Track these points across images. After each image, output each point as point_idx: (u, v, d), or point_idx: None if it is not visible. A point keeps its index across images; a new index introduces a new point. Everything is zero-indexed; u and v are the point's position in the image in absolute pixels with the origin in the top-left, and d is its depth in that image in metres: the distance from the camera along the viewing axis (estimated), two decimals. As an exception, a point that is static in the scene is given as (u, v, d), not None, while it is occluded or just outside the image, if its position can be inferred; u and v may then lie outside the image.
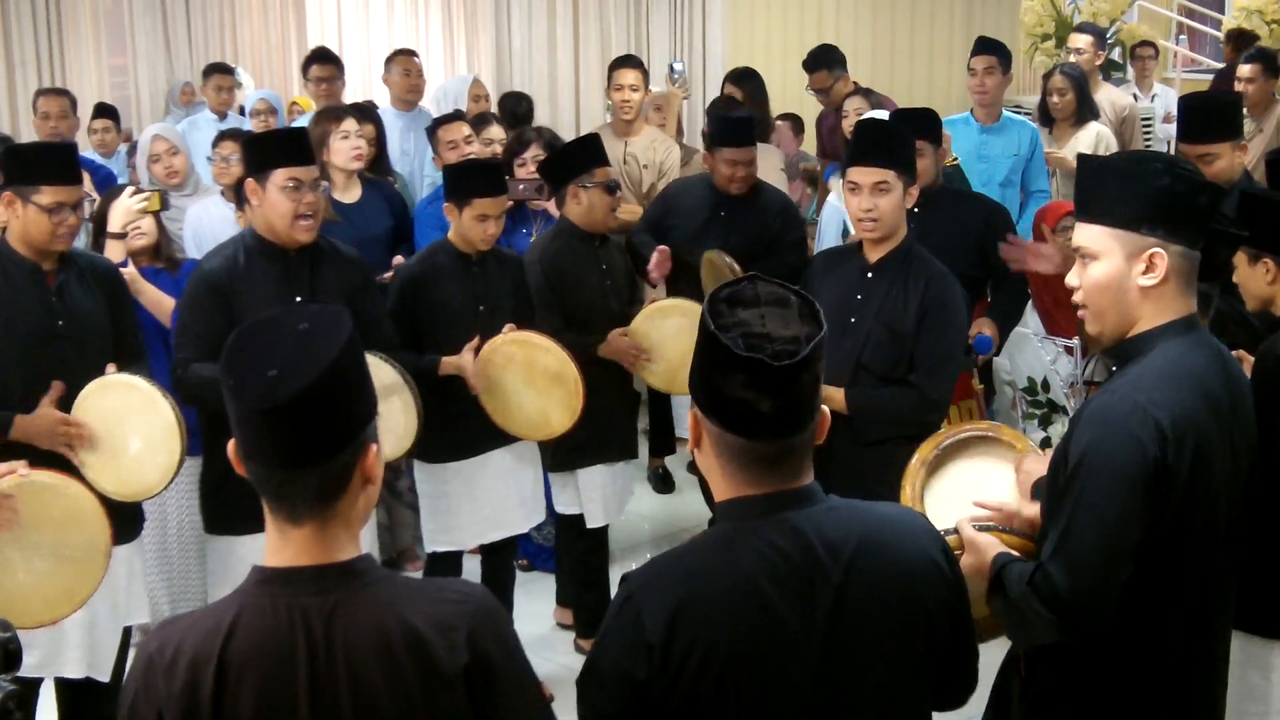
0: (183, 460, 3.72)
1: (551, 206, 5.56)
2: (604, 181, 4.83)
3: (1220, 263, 2.61)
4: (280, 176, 4.00)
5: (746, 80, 7.41)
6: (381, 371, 4.04)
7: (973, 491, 2.86)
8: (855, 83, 7.69)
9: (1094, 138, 6.99)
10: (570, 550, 5.16)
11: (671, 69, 8.00)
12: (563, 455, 4.91)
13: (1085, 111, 7.09)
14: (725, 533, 2.08)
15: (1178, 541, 2.48)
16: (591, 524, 5.00)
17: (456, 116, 6.14)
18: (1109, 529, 2.41)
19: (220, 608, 1.98)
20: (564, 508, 5.04)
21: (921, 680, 2.15)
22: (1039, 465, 2.82)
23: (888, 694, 2.10)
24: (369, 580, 1.97)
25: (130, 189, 4.76)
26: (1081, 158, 2.67)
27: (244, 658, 1.90)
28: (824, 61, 7.79)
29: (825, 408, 2.09)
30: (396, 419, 4.06)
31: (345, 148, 5.44)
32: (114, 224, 4.60)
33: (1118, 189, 2.50)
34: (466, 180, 4.54)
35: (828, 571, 2.03)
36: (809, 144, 8.65)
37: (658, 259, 5.26)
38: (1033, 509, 2.72)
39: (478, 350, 4.46)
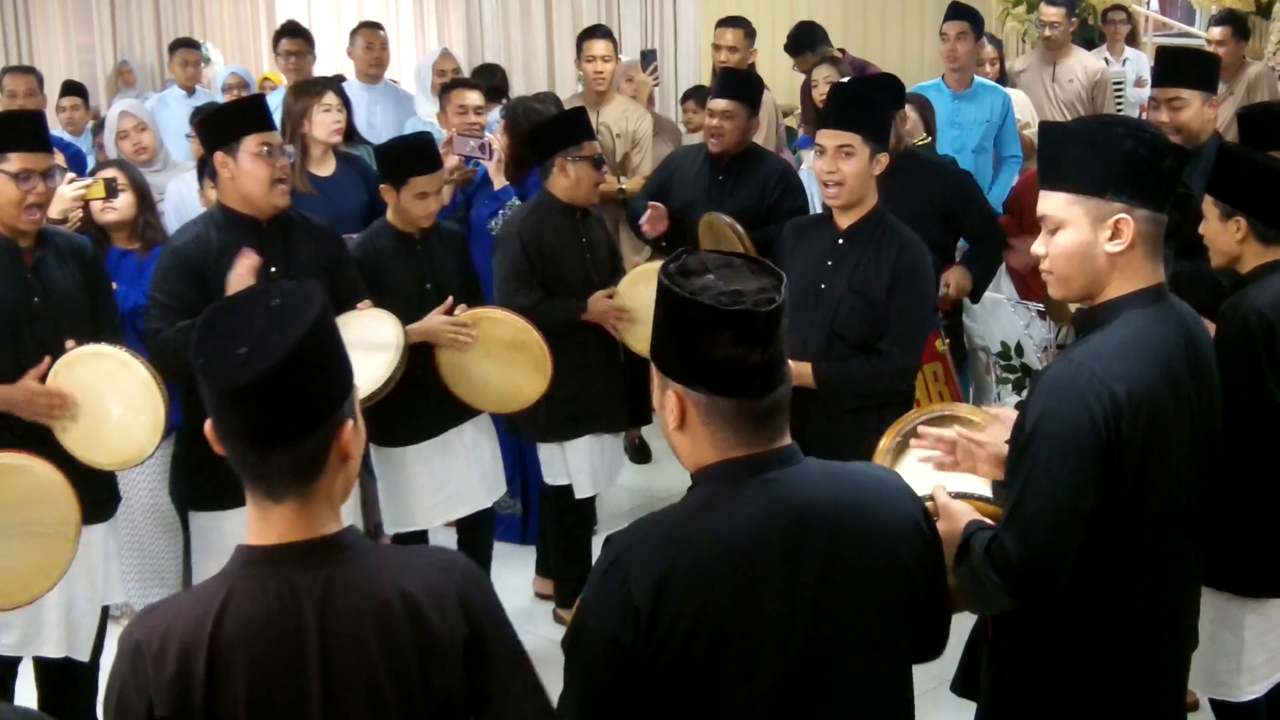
0: (169, 413, 3.68)
1: (493, 168, 5.54)
2: (591, 155, 4.78)
3: (1172, 224, 2.61)
4: (251, 143, 3.98)
5: (738, 24, 7.17)
6: (384, 329, 4.05)
7: (936, 473, 2.86)
8: (842, 50, 7.66)
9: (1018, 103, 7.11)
10: (557, 523, 5.15)
11: (644, 55, 7.94)
12: (553, 427, 4.89)
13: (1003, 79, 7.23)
14: (710, 496, 2.07)
15: (1134, 513, 2.48)
16: (580, 494, 4.97)
17: (472, 84, 6.12)
18: (1059, 498, 2.41)
19: (207, 591, 1.94)
20: (553, 479, 5.02)
21: (904, 640, 2.16)
22: (1003, 432, 2.82)
23: (873, 654, 2.11)
24: (357, 552, 1.95)
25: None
26: (1044, 125, 2.66)
27: (236, 641, 1.88)
28: (805, 44, 7.74)
29: (791, 363, 2.10)
30: (368, 371, 3.99)
31: (328, 120, 5.44)
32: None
33: (1081, 155, 2.48)
34: (402, 160, 4.50)
35: (813, 533, 2.04)
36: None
37: (651, 214, 5.28)
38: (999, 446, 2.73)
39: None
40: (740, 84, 5.49)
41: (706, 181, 5.48)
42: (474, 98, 5.90)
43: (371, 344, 4.04)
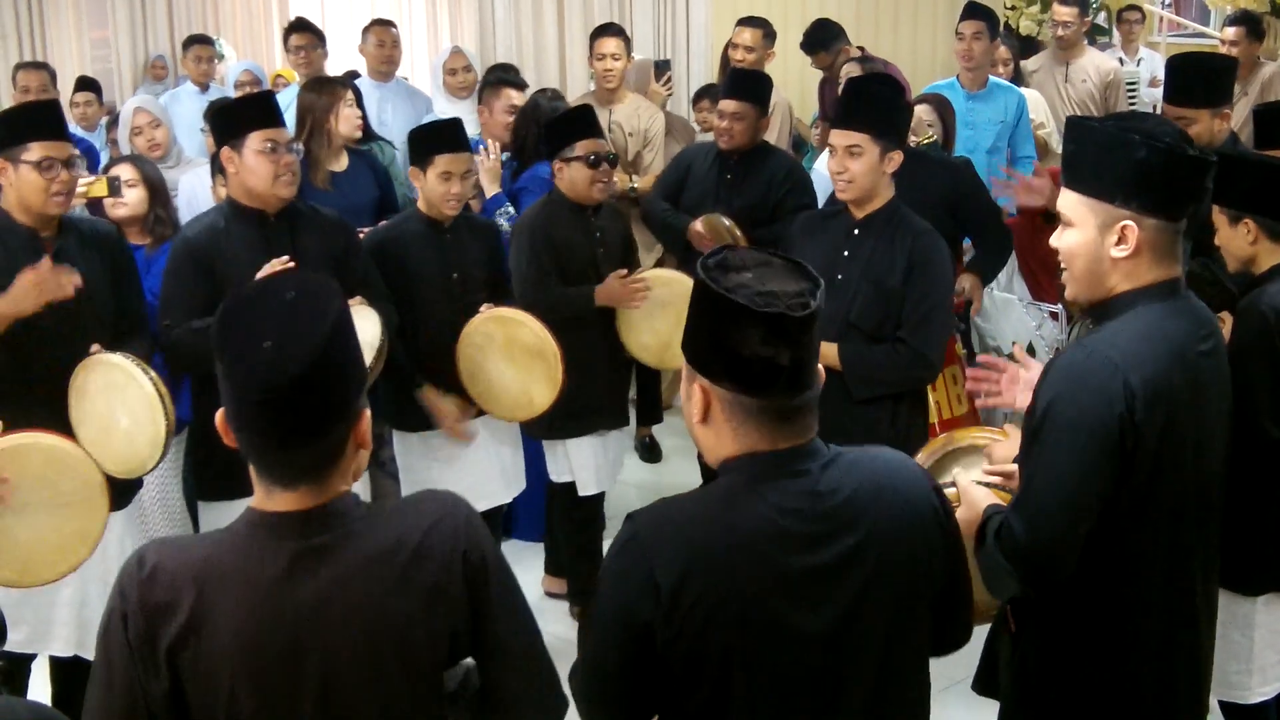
0: (170, 432, 3.69)
1: (484, 174, 5.54)
2: (583, 155, 4.75)
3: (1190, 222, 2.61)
4: (255, 140, 4.00)
5: (756, 23, 7.23)
6: (366, 329, 4.02)
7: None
8: (861, 48, 7.63)
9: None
10: (566, 519, 5.15)
11: (658, 65, 7.92)
12: (555, 425, 4.87)
13: (1017, 79, 7.23)
14: (736, 485, 2.08)
15: (1149, 502, 2.48)
16: (583, 492, 4.97)
17: (518, 84, 6.15)
18: (1069, 483, 2.42)
19: (210, 538, 2.00)
20: (557, 475, 5.02)
21: (924, 629, 2.18)
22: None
23: (893, 643, 2.12)
24: (355, 516, 1.98)
25: None
26: (1070, 121, 2.66)
27: (226, 589, 1.90)
28: (820, 42, 7.73)
29: (821, 366, 2.11)
30: None
31: (352, 115, 5.51)
32: None
33: (1095, 159, 2.49)
34: (428, 139, 4.53)
35: (838, 525, 2.06)
36: (800, 112, 8.62)
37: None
38: None
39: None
40: (749, 84, 5.48)
41: (715, 178, 5.48)
42: (518, 97, 5.96)
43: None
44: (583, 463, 4.95)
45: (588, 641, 2.13)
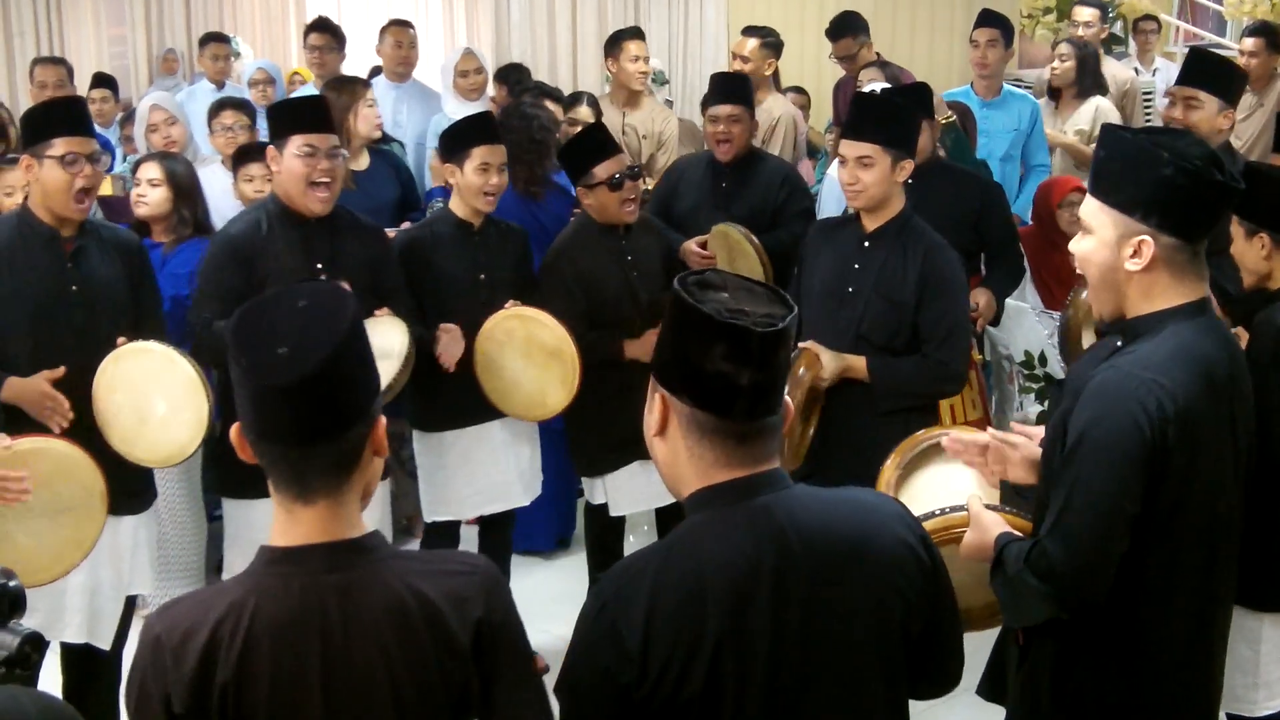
0: (213, 410, 3.70)
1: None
2: (606, 180, 4.66)
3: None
4: (296, 143, 4.05)
5: (758, 33, 7.23)
6: (393, 338, 4.08)
7: (943, 494, 2.83)
8: (878, 53, 7.64)
9: (1092, 113, 6.98)
10: (594, 534, 5.08)
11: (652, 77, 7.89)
12: (600, 461, 4.79)
13: (1088, 85, 7.07)
14: (697, 526, 2.03)
15: (1174, 521, 2.48)
16: (614, 512, 4.87)
17: (554, 95, 6.19)
18: (1106, 504, 2.41)
19: (230, 589, 1.97)
20: (592, 497, 4.93)
21: (899, 667, 2.11)
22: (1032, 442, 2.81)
23: (862, 682, 2.06)
24: (379, 556, 1.98)
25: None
26: (1105, 128, 2.65)
27: (258, 641, 1.90)
28: (848, 28, 7.70)
29: (789, 399, 2.07)
30: None
31: (371, 115, 5.54)
32: None
33: (1121, 170, 2.49)
34: (464, 132, 4.54)
35: (802, 561, 1.99)
36: (817, 119, 8.63)
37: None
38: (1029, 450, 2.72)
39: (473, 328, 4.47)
40: (737, 86, 5.46)
41: (710, 187, 5.43)
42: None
43: (377, 351, 4.06)
44: (618, 484, 4.83)
45: (567, 711, 2.05)
